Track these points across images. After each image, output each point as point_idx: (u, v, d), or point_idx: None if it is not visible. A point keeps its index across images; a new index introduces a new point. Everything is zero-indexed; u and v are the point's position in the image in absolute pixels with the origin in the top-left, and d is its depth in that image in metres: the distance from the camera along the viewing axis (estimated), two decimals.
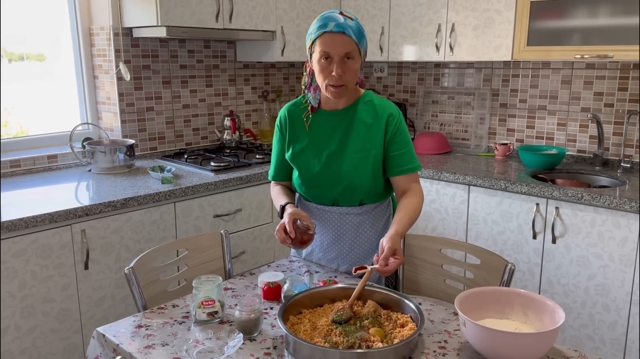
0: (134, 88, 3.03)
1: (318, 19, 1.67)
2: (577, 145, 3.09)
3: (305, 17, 3.33)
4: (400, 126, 1.78)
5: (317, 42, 1.66)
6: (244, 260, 2.83)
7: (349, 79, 1.68)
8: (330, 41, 1.63)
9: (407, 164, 1.79)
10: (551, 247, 2.56)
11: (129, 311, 2.41)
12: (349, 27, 1.63)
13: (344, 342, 1.34)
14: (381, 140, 1.76)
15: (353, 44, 1.64)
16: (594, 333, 2.49)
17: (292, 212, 1.71)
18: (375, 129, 1.76)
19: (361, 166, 1.76)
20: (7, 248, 2.06)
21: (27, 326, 2.15)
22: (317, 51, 1.66)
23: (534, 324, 1.44)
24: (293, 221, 1.67)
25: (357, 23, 1.67)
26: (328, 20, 1.64)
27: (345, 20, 1.64)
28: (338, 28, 1.62)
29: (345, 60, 1.65)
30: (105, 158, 2.78)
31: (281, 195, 1.87)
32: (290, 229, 1.65)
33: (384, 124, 1.76)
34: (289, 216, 1.69)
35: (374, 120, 1.76)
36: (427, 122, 3.68)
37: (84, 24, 3.00)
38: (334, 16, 1.64)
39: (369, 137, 1.76)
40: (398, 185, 1.81)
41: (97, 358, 1.51)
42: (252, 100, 3.63)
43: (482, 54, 2.97)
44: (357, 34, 1.65)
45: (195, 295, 1.53)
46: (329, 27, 1.63)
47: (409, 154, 1.79)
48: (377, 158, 1.77)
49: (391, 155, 1.78)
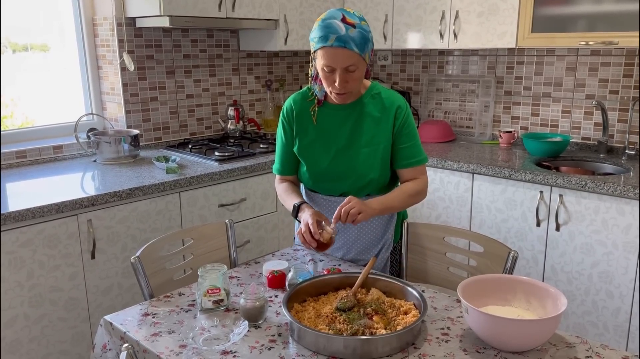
0: (137, 79, 3.04)
1: (319, 25, 1.60)
2: (582, 132, 3.08)
3: (309, 5, 3.31)
4: (408, 118, 1.77)
5: (318, 53, 1.62)
6: (249, 248, 2.85)
7: (353, 87, 1.67)
8: (332, 55, 1.59)
9: (414, 157, 1.78)
10: (555, 235, 2.56)
11: (135, 299, 2.44)
12: (351, 40, 1.57)
13: (347, 329, 1.36)
14: (390, 133, 1.76)
15: (355, 56, 1.59)
16: (597, 320, 2.50)
17: (315, 212, 1.66)
18: (383, 122, 1.75)
19: (370, 160, 1.76)
20: (14, 238, 2.08)
21: (35, 315, 2.18)
22: (319, 62, 1.63)
23: (536, 311, 1.45)
24: (318, 222, 1.62)
25: (360, 29, 1.59)
26: (329, 32, 1.57)
27: (347, 31, 1.56)
28: (339, 43, 1.56)
29: (348, 71, 1.62)
30: (110, 149, 2.79)
31: (291, 193, 1.84)
32: (315, 230, 1.59)
33: (392, 117, 1.75)
34: (312, 217, 1.63)
35: (381, 114, 1.76)
36: (431, 110, 3.67)
37: (87, 14, 3.00)
38: (335, 26, 1.56)
39: (377, 131, 1.75)
40: (404, 177, 1.81)
41: (104, 346, 1.53)
42: (256, 90, 3.63)
43: (486, 41, 2.95)
44: (360, 43, 1.59)
45: (201, 283, 1.55)
46: (329, 42, 1.57)
47: (416, 147, 1.79)
48: (385, 152, 1.77)
49: (398, 148, 1.77)
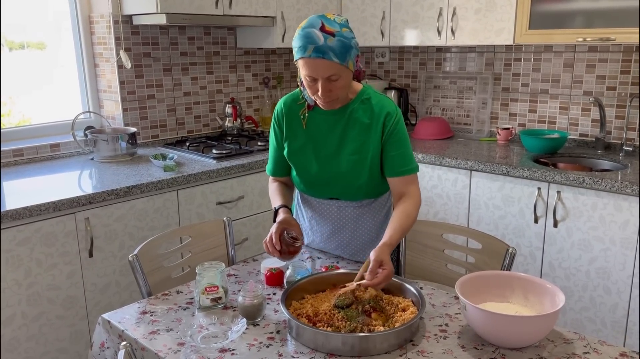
0: (134, 76, 3.03)
1: (298, 34, 1.55)
2: (579, 128, 3.08)
3: (306, 2, 3.30)
4: (398, 125, 1.72)
5: (299, 62, 1.58)
6: (247, 246, 2.85)
7: (337, 94, 1.62)
8: (311, 66, 1.54)
9: (404, 166, 1.73)
10: (553, 231, 2.56)
11: (133, 297, 2.44)
12: (329, 50, 1.51)
13: (346, 326, 1.36)
14: (379, 140, 1.72)
15: (335, 66, 1.54)
16: (595, 316, 2.51)
17: (282, 221, 1.66)
18: (373, 129, 1.71)
19: (359, 167, 1.73)
20: (12, 236, 2.08)
21: (33, 313, 2.18)
22: (301, 71, 1.59)
23: (534, 307, 1.45)
24: (280, 233, 1.63)
25: (340, 38, 1.53)
26: (307, 42, 1.52)
27: (326, 40, 1.51)
28: (317, 54, 1.51)
29: (330, 80, 1.57)
30: (108, 147, 2.78)
31: (277, 196, 1.83)
32: (276, 241, 1.61)
33: (382, 124, 1.70)
34: (277, 227, 1.63)
35: (371, 120, 1.71)
36: (429, 107, 3.67)
37: (84, 11, 2.99)
38: (313, 36, 1.51)
39: (366, 138, 1.72)
40: (394, 187, 1.75)
41: (102, 344, 1.53)
42: (253, 87, 3.62)
43: (483, 38, 2.95)
44: (340, 53, 1.53)
45: (199, 281, 1.55)
46: (307, 52, 1.52)
47: (406, 155, 1.73)
48: (374, 159, 1.73)
49: (387, 156, 1.73)
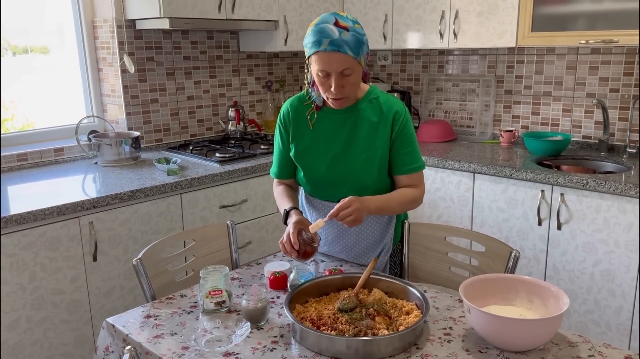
0: (138, 81, 3.04)
1: (312, 30, 1.59)
2: (583, 131, 3.07)
3: (308, 6, 3.31)
4: (406, 124, 1.75)
5: (312, 58, 1.60)
6: (251, 250, 2.85)
7: (349, 91, 1.64)
8: (326, 60, 1.57)
9: (412, 164, 1.76)
10: (556, 234, 2.56)
11: (137, 301, 2.44)
12: (344, 43, 1.55)
13: (350, 330, 1.36)
14: (387, 139, 1.73)
15: (350, 60, 1.57)
16: (599, 319, 2.50)
17: (297, 221, 1.65)
18: (381, 128, 1.73)
19: (368, 166, 1.74)
20: (16, 241, 2.09)
21: (38, 317, 2.18)
22: (314, 67, 1.61)
23: (538, 310, 1.45)
24: (298, 232, 1.62)
25: (353, 33, 1.57)
26: (322, 36, 1.55)
27: (341, 34, 1.55)
28: (332, 47, 1.55)
29: (343, 75, 1.60)
30: (111, 151, 2.79)
31: (285, 198, 1.83)
32: (295, 241, 1.60)
33: (390, 122, 1.72)
34: (294, 227, 1.62)
35: (379, 119, 1.73)
36: (432, 110, 3.67)
37: (87, 16, 3.00)
38: (328, 30, 1.55)
39: (375, 137, 1.73)
40: (401, 185, 1.78)
41: (107, 348, 1.53)
42: (256, 91, 3.63)
43: (486, 41, 2.95)
44: (354, 47, 1.57)
45: (203, 285, 1.55)
46: (322, 46, 1.55)
47: (414, 153, 1.77)
48: (383, 158, 1.75)
49: (396, 154, 1.75)
